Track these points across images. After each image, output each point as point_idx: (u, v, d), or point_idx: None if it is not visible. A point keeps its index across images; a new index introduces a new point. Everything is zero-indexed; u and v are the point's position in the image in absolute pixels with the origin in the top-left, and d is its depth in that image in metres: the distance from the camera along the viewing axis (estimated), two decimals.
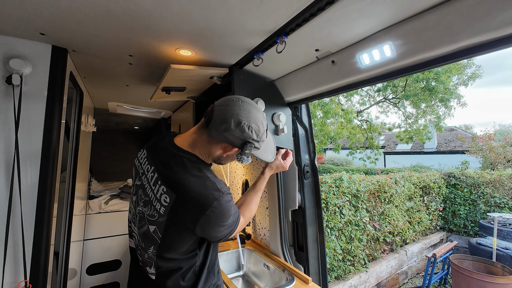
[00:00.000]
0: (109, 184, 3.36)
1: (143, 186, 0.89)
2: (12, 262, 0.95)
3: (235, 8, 0.80)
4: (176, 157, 0.85)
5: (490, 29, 0.67)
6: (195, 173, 0.81)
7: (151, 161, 0.90)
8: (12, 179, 0.95)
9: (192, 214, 0.77)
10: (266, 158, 0.99)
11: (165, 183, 0.81)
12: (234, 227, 0.85)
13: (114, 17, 0.87)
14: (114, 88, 1.85)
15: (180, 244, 0.82)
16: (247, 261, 1.96)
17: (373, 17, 0.83)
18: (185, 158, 0.84)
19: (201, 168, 0.83)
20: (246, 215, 0.99)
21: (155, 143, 0.95)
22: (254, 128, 0.82)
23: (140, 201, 0.89)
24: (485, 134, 9.99)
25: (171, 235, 0.81)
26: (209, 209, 0.75)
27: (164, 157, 0.87)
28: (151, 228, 0.83)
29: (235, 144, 0.83)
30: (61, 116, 1.11)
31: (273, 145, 1.05)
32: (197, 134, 0.87)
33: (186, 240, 0.82)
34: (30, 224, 0.99)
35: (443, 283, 4.02)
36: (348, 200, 3.66)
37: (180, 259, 0.84)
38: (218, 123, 0.79)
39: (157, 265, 0.84)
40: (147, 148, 0.95)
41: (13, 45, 1.03)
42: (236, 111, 0.80)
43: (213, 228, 0.79)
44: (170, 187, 0.79)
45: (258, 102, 1.26)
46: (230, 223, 0.83)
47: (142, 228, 0.87)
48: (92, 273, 2.27)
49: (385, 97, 10.43)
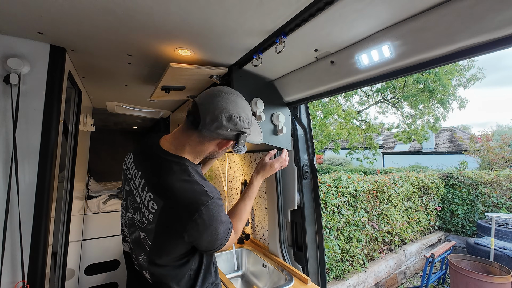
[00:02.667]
0: (108, 184, 3.35)
1: (132, 192, 0.86)
2: (10, 262, 0.95)
3: (234, 7, 0.79)
4: (163, 162, 0.81)
5: (488, 30, 0.67)
6: (182, 178, 0.77)
7: (139, 166, 0.87)
8: (10, 179, 0.95)
9: (180, 220, 0.73)
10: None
11: (152, 190, 0.78)
12: (225, 237, 0.80)
13: (112, 16, 0.87)
14: (112, 87, 1.84)
15: (170, 251, 0.79)
16: (245, 261, 1.95)
17: (372, 17, 0.83)
18: (173, 162, 0.81)
19: (189, 171, 0.79)
20: (238, 226, 0.94)
21: (142, 147, 0.92)
22: (244, 117, 0.81)
23: (130, 207, 0.87)
24: (483, 135, 10.03)
25: (160, 243, 0.78)
26: (197, 215, 0.71)
27: (150, 162, 0.84)
28: (141, 234, 0.81)
29: (229, 138, 0.82)
30: (60, 116, 1.11)
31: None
32: (184, 136, 0.84)
33: (176, 247, 0.78)
34: (28, 224, 0.99)
35: (441, 283, 4.04)
36: (347, 200, 3.67)
37: (173, 265, 0.81)
38: (209, 123, 0.77)
39: (150, 271, 0.82)
40: (134, 152, 0.93)
41: (11, 44, 1.02)
42: (223, 105, 0.78)
43: (202, 237, 0.75)
44: (157, 194, 0.76)
45: (257, 102, 1.26)
46: (221, 232, 0.78)
47: (133, 234, 0.86)
48: (90, 273, 2.26)
49: (384, 98, 10.46)
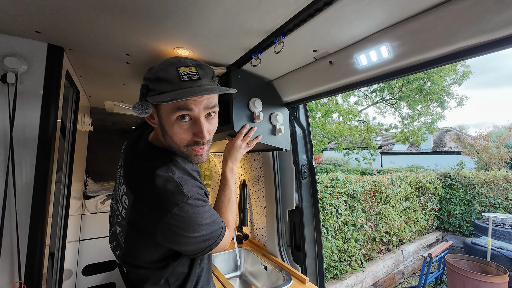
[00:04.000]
0: (105, 184, 3.33)
1: (116, 181, 0.82)
2: (7, 263, 0.94)
3: (234, 8, 0.79)
4: (142, 153, 0.75)
5: (485, 31, 0.68)
6: (157, 173, 0.67)
7: (124, 155, 0.83)
8: (6, 178, 0.94)
9: (150, 220, 0.65)
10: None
11: (126, 182, 0.72)
12: (215, 238, 0.71)
13: (111, 16, 0.86)
14: (111, 87, 1.83)
15: (144, 253, 0.71)
16: (244, 261, 1.95)
17: (371, 18, 0.83)
18: (151, 154, 0.74)
19: (169, 166, 0.70)
20: (227, 219, 0.86)
21: (134, 134, 0.88)
22: (156, 68, 0.70)
23: (114, 196, 0.82)
24: (479, 135, 10.10)
25: (132, 242, 0.71)
26: (168, 216, 0.63)
27: (132, 152, 0.79)
28: (117, 229, 0.76)
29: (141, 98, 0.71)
30: (57, 115, 1.10)
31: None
32: None
33: (150, 249, 0.70)
34: (25, 224, 0.98)
35: (439, 283, 4.06)
36: (345, 200, 3.67)
37: (148, 268, 0.73)
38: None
39: (127, 269, 0.77)
40: (127, 139, 0.90)
41: (8, 43, 1.01)
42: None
43: (179, 239, 0.66)
44: (130, 188, 0.70)
45: (256, 101, 1.25)
46: (204, 234, 0.69)
47: (113, 226, 0.81)
48: (87, 274, 2.25)
49: (382, 98, 10.50)
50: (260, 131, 1.27)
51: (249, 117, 1.24)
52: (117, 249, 0.79)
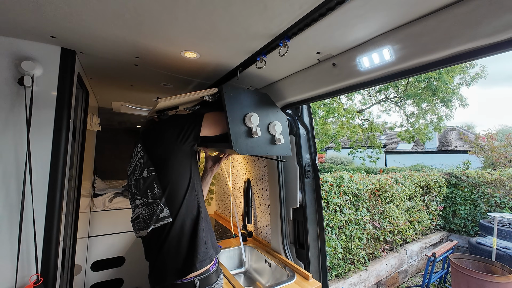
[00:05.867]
0: (112, 182, 3.41)
1: (128, 169, 1.25)
2: (25, 257, 0.99)
3: (240, 13, 0.83)
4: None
5: (485, 35, 0.70)
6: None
7: (141, 135, 1.22)
8: (24, 177, 0.99)
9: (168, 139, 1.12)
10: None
11: (143, 145, 1.15)
12: None
13: (122, 21, 0.90)
14: (119, 88, 1.88)
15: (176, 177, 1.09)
16: (248, 258, 1.99)
17: (373, 22, 0.86)
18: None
19: None
20: None
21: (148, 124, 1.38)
22: None
23: (129, 183, 1.21)
24: (487, 134, 9.97)
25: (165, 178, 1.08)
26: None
27: (152, 125, 1.27)
28: (140, 201, 1.10)
29: None
30: (70, 116, 1.15)
31: None
32: None
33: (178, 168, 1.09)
34: (41, 221, 1.03)
35: (443, 282, 4.05)
36: (349, 199, 3.69)
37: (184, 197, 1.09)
38: None
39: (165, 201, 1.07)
40: (146, 123, 1.35)
41: (25, 47, 1.06)
42: None
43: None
44: (145, 146, 1.14)
45: (252, 117, 1.19)
46: None
47: (136, 208, 1.13)
48: (96, 269, 2.32)
49: (386, 96, 10.43)
50: (259, 143, 1.23)
51: (247, 133, 1.19)
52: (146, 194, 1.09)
